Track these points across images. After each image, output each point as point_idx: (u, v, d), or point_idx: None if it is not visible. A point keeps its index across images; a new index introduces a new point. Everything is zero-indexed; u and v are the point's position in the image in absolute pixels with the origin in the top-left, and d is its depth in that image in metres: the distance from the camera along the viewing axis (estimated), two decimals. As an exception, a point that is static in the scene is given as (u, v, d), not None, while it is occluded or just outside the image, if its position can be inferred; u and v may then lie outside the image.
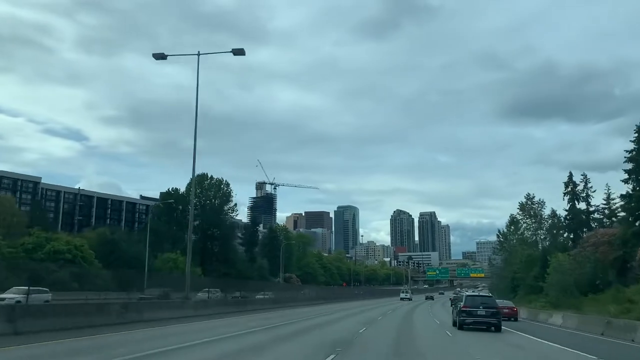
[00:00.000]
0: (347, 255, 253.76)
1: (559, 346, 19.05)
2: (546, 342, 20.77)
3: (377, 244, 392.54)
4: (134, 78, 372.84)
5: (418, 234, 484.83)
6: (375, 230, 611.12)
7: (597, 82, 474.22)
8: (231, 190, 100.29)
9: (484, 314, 24.96)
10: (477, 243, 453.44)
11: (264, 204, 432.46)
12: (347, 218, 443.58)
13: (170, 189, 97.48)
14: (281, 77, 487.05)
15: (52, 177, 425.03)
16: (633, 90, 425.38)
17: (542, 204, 67.08)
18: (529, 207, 66.81)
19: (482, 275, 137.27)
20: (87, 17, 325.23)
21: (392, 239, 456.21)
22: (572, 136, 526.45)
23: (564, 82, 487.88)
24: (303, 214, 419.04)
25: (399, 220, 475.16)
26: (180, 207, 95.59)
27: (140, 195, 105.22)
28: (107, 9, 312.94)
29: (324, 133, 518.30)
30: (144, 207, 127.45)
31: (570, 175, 66.62)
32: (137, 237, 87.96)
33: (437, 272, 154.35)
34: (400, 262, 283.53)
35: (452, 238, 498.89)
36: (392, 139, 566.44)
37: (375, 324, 29.15)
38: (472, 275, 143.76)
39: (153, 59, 32.93)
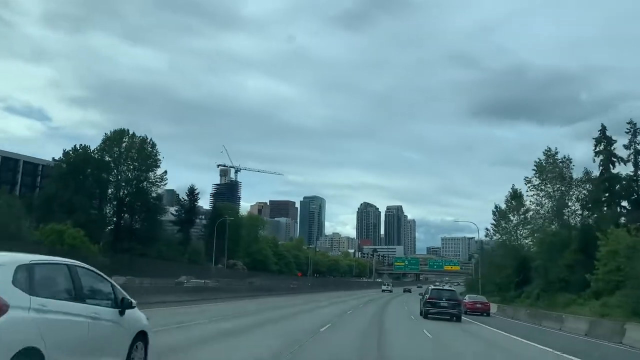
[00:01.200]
0: (310, 246, 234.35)
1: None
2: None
3: (342, 236, 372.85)
4: (101, 58, 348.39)
5: (384, 227, 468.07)
6: (342, 224, 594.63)
7: (564, 86, 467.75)
8: (158, 152, 77.94)
9: (447, 305, 26.81)
10: (442, 239, 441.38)
11: (227, 192, 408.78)
12: (313, 209, 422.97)
13: (78, 146, 74.76)
14: (253, 65, 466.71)
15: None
16: (598, 95, 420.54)
17: (568, 162, 47.10)
18: (551, 167, 46.64)
19: (458, 268, 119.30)
20: None
21: (358, 232, 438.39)
22: (537, 138, 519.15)
23: (532, 85, 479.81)
24: (268, 203, 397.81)
25: (366, 213, 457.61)
26: (89, 170, 73.16)
27: (53, 158, 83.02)
28: None
29: (294, 124, 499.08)
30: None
31: (603, 129, 47.02)
32: (23, 203, 65.31)
33: (406, 262, 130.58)
34: (364, 254, 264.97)
35: (416, 234, 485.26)
36: (362, 134, 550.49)
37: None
38: (446, 267, 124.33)
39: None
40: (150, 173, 77.97)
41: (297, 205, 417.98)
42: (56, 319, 5.53)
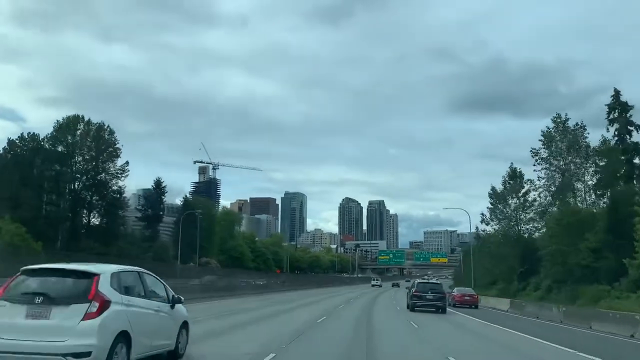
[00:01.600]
0: (291, 243, 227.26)
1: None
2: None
3: (324, 232, 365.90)
4: (75, 56, 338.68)
5: (367, 222, 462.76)
6: (324, 220, 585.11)
7: (543, 79, 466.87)
8: (117, 140, 69.76)
9: (432, 298, 27.88)
10: (425, 233, 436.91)
11: (206, 190, 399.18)
12: (294, 206, 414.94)
13: (25, 135, 66.52)
14: (231, 61, 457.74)
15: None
16: (576, 87, 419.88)
17: (582, 129, 40.54)
18: (563, 133, 39.94)
19: (445, 260, 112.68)
20: None
21: (340, 228, 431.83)
22: (517, 131, 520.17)
23: (511, 78, 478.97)
24: (248, 201, 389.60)
25: (348, 209, 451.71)
26: (39, 160, 65.07)
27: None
28: None
29: (274, 121, 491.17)
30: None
31: (617, 94, 40.80)
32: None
33: (390, 255, 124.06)
34: (347, 249, 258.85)
35: (399, 229, 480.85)
36: (343, 130, 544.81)
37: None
38: (432, 260, 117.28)
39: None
40: (109, 164, 69.90)
41: (278, 202, 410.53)
42: (137, 312, 7.71)
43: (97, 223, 69.77)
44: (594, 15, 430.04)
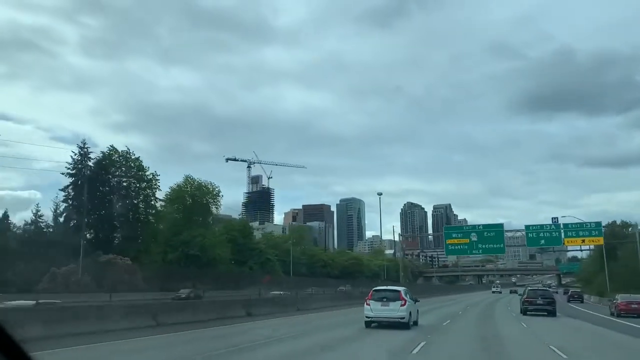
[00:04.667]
0: (347, 250, 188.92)
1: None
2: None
3: (384, 239, 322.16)
4: (138, 81, 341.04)
5: (432, 229, 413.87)
6: (387, 232, 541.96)
7: (616, 69, 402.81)
8: None
9: (542, 303, 31.05)
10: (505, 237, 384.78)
11: (259, 200, 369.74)
12: (350, 212, 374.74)
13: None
14: (287, 76, 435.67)
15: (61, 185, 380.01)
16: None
17: None
18: None
19: (599, 240, 59.85)
20: (87, 18, 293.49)
21: (402, 233, 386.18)
22: (589, 130, 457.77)
23: (580, 70, 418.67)
24: (301, 208, 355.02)
25: (410, 214, 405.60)
26: None
27: None
28: (105, 8, 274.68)
29: (332, 133, 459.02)
30: None
31: None
32: None
33: (473, 236, 65.07)
34: (406, 254, 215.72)
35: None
36: (401, 138, 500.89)
37: None
38: (566, 241, 63.27)
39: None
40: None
41: (334, 209, 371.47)
42: (411, 304, 20.40)
43: None
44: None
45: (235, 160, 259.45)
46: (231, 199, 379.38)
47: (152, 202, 59.13)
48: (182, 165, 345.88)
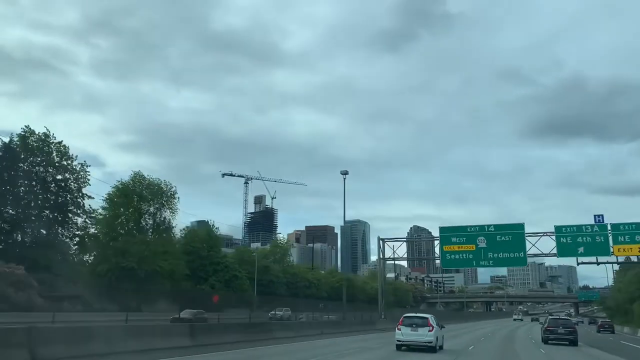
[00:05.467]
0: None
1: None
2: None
3: (388, 263, 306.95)
4: (148, 102, 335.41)
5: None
6: (393, 256, 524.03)
7: (628, 97, 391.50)
8: None
9: (563, 332, 31.06)
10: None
11: (263, 220, 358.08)
12: (355, 235, 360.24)
13: None
14: (296, 99, 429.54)
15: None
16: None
17: None
18: None
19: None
20: (99, 39, 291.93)
21: (409, 261, 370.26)
22: (600, 157, 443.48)
23: (592, 98, 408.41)
24: (304, 229, 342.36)
25: (417, 239, 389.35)
26: None
27: None
28: (117, 29, 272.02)
29: (340, 157, 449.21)
30: None
31: None
32: None
33: (481, 242, 48.09)
34: (410, 278, 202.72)
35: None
36: (410, 163, 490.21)
37: None
38: (616, 250, 49.24)
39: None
40: None
41: (337, 230, 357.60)
42: (437, 329, 22.68)
43: None
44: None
45: (232, 175, 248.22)
46: (234, 220, 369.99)
47: (79, 200, 47.10)
48: (190, 185, 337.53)
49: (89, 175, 47.40)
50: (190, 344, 18.91)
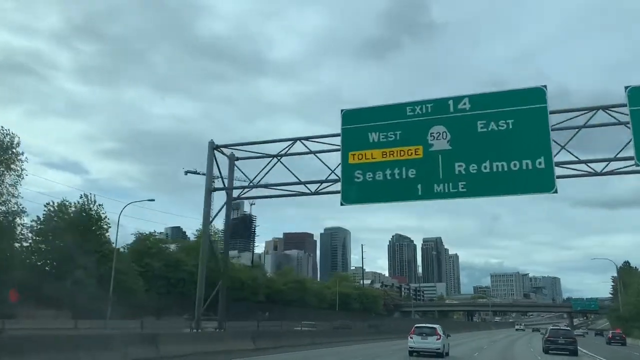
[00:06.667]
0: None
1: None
2: None
3: (367, 271, 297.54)
4: (132, 108, 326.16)
5: (422, 263, 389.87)
6: (380, 268, 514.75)
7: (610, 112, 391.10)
8: None
9: (564, 342, 31.48)
10: (492, 276, 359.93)
11: (240, 226, 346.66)
12: (335, 243, 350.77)
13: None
14: (283, 108, 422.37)
15: None
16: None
17: None
18: None
19: None
20: (83, 44, 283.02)
21: (390, 269, 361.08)
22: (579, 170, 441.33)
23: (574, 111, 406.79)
24: (282, 237, 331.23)
25: (399, 247, 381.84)
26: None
27: None
28: (101, 35, 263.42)
29: (324, 168, 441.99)
30: None
31: None
32: None
33: None
34: (386, 285, 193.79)
35: (460, 274, 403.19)
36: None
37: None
38: None
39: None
40: None
41: (317, 238, 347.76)
42: (444, 338, 25.55)
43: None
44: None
45: (195, 173, 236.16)
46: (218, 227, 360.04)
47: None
48: (173, 194, 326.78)
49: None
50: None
